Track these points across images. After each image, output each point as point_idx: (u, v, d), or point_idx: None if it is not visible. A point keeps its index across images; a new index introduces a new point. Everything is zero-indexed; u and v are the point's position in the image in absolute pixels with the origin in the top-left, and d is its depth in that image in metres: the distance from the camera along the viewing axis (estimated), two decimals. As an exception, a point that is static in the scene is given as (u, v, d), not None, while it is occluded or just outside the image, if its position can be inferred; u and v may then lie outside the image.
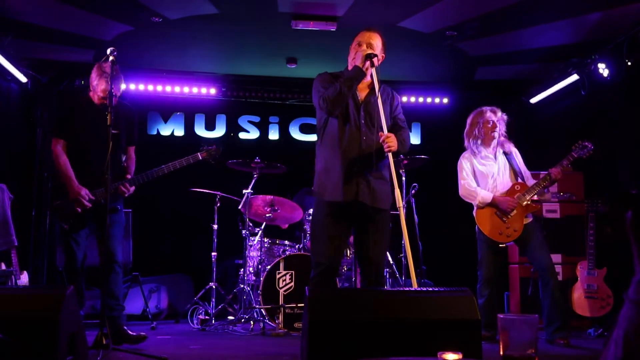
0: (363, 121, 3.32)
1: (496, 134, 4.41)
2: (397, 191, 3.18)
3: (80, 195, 3.82)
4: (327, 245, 3.27)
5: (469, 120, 4.56)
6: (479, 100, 6.71)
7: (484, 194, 4.37)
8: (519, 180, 4.40)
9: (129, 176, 4.05)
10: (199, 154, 4.27)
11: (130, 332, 3.90)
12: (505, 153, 4.46)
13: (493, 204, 4.33)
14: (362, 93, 3.40)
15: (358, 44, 3.38)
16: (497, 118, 4.43)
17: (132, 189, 4.02)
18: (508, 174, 4.44)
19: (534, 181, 4.39)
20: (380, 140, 3.21)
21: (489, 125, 4.42)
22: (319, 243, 3.33)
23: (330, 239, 3.28)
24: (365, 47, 3.34)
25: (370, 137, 3.29)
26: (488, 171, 4.43)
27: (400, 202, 3.16)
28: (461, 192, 4.49)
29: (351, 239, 3.77)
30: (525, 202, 4.30)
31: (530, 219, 4.36)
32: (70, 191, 3.85)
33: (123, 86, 3.99)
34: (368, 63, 3.27)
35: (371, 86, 3.37)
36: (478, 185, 4.44)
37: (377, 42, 3.38)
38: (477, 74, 6.41)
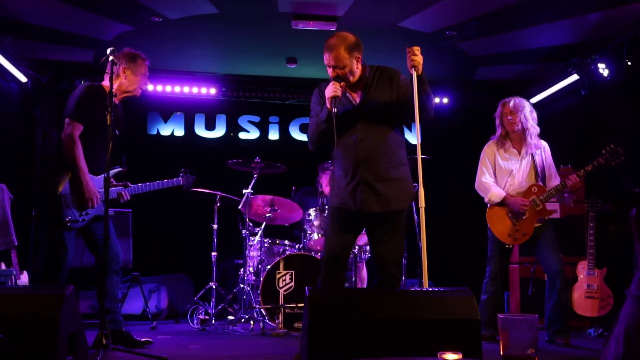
0: (360, 126, 3.22)
1: (516, 127, 4.28)
2: (420, 190, 3.11)
3: (95, 195, 3.68)
4: (331, 245, 3.28)
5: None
6: (479, 100, 6.77)
7: (496, 191, 4.26)
8: (539, 182, 4.28)
9: (129, 183, 3.99)
10: (181, 179, 4.37)
11: (136, 338, 3.80)
12: (532, 153, 4.31)
13: (505, 204, 4.25)
14: (355, 95, 3.29)
15: (328, 66, 3.23)
16: (509, 110, 4.30)
17: (129, 196, 3.97)
18: (527, 174, 4.31)
19: (558, 181, 4.28)
20: (409, 56, 3.28)
21: (507, 119, 4.32)
22: (325, 242, 3.37)
23: (335, 239, 3.29)
24: (331, 71, 3.20)
25: (373, 139, 3.20)
26: (507, 167, 4.32)
27: (422, 202, 3.08)
28: (476, 184, 4.42)
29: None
30: (539, 207, 4.21)
31: (541, 223, 4.28)
32: (85, 188, 3.65)
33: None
34: (333, 102, 3.10)
35: (362, 83, 3.27)
36: (495, 180, 4.35)
37: (338, 54, 3.16)
38: (477, 74, 6.41)
